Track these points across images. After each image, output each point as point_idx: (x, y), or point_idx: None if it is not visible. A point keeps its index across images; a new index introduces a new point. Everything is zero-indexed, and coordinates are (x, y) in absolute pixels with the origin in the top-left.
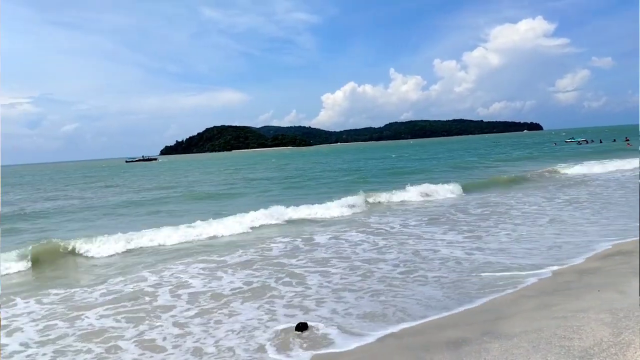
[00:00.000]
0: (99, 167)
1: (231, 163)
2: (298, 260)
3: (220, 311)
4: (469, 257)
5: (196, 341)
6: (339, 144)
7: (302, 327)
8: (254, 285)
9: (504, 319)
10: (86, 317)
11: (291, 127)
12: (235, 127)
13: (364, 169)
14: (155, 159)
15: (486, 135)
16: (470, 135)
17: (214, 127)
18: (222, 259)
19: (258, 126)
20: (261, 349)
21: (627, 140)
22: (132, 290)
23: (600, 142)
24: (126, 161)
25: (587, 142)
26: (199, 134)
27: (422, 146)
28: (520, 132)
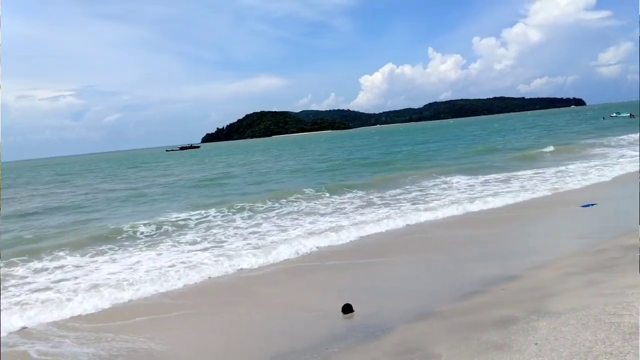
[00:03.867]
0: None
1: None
2: None
3: None
4: None
5: None
6: (378, 126)
7: (346, 308)
8: None
9: (551, 296)
10: None
11: (330, 110)
12: (275, 112)
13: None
14: (198, 147)
15: (528, 112)
16: (511, 113)
17: (254, 113)
18: None
19: (297, 111)
20: None
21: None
22: None
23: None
24: (166, 150)
25: (633, 117)
26: (239, 120)
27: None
28: (567, 108)
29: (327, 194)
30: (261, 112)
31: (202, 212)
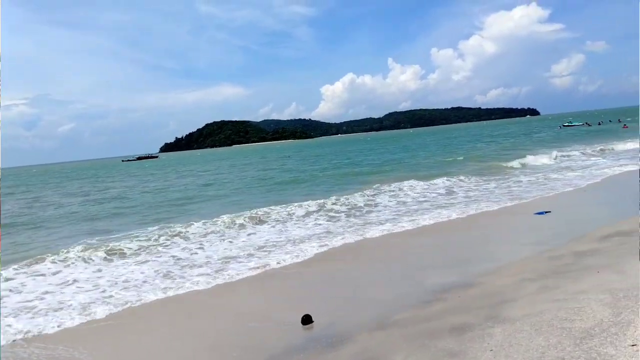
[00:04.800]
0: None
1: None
2: None
3: None
4: None
5: None
6: (339, 135)
7: (305, 319)
8: None
9: (506, 303)
10: None
11: (291, 120)
12: (235, 121)
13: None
14: (156, 157)
15: (484, 122)
16: (468, 123)
17: (214, 122)
18: None
19: (258, 120)
20: None
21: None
22: None
23: (599, 124)
24: (122, 160)
25: (589, 125)
26: (198, 130)
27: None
28: (522, 118)
29: (287, 206)
30: (222, 121)
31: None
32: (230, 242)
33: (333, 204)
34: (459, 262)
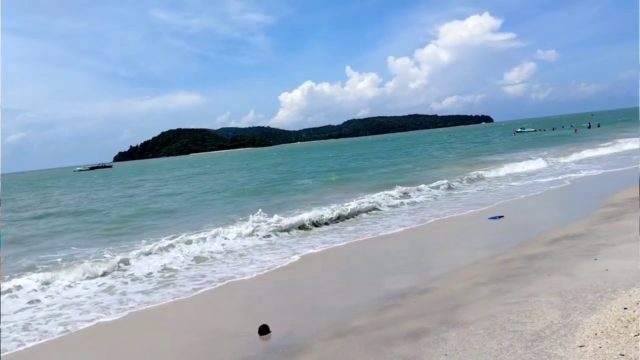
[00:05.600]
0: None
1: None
2: None
3: None
4: None
5: None
6: (299, 142)
7: (262, 330)
8: None
9: (460, 307)
10: None
11: (250, 127)
12: (192, 129)
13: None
14: (109, 166)
15: (440, 129)
16: (425, 130)
17: (170, 130)
18: None
19: (216, 128)
20: None
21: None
22: None
23: (553, 129)
24: (75, 170)
25: (542, 131)
26: (154, 138)
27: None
28: (478, 125)
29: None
30: (178, 129)
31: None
32: (184, 255)
33: (284, 216)
34: (415, 268)
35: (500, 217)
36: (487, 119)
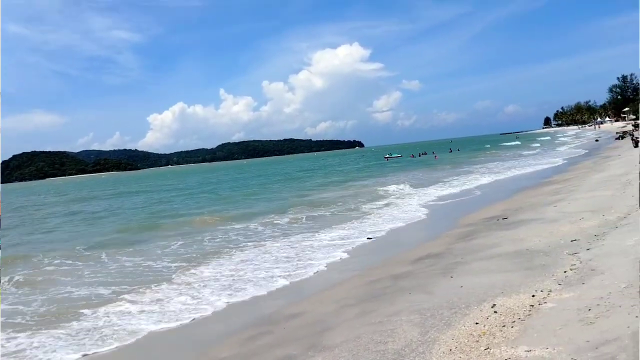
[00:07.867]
0: None
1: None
2: None
3: None
4: None
5: None
6: (170, 166)
7: None
8: None
9: (328, 330)
10: None
11: (115, 150)
12: (49, 152)
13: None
14: None
15: (315, 153)
16: (300, 154)
17: (23, 153)
18: None
19: (76, 151)
20: None
21: (424, 153)
22: None
23: (420, 155)
24: None
25: (413, 156)
26: (4, 162)
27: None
28: (351, 149)
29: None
30: (32, 152)
31: None
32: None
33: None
34: (284, 293)
35: (369, 239)
36: (359, 144)
